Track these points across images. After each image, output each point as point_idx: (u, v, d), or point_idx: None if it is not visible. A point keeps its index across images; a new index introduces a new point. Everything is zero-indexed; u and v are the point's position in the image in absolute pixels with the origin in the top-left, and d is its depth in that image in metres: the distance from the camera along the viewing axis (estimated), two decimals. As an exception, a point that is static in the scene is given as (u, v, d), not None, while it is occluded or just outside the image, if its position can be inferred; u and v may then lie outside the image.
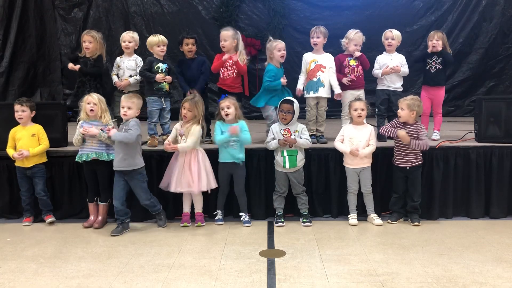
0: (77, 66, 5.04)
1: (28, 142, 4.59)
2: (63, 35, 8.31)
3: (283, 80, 4.99)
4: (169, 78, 5.04)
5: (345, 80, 5.09)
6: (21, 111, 4.61)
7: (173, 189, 4.48)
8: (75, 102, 4.81)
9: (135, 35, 5.30)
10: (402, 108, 4.51)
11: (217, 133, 4.56)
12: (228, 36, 5.07)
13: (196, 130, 4.49)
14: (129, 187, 4.43)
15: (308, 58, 5.13)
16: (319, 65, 5.08)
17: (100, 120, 4.49)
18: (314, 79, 5.09)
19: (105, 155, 4.47)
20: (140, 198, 4.44)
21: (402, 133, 4.46)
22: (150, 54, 5.13)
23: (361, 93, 5.13)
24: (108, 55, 5.34)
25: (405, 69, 5.22)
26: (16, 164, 4.64)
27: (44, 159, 4.70)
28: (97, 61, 5.15)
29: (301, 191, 4.63)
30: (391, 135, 4.55)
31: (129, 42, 5.22)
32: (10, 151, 4.60)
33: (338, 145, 4.65)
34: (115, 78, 5.23)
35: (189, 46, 5.15)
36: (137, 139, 4.35)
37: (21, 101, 4.64)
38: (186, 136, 4.50)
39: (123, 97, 4.45)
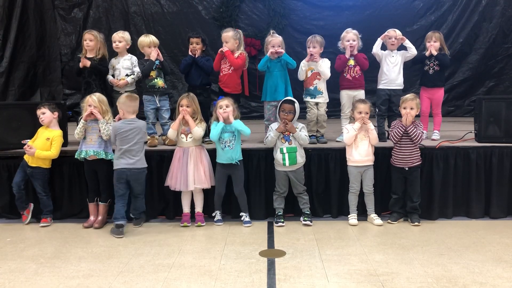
0: (88, 62, 5.03)
1: (40, 143, 4.60)
2: (63, 35, 8.30)
3: (272, 49, 4.91)
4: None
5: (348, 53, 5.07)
6: (41, 114, 4.64)
7: (191, 187, 4.53)
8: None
9: (126, 35, 5.28)
10: (412, 108, 4.51)
11: (212, 129, 4.55)
12: (228, 37, 5.09)
13: (204, 125, 4.65)
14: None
15: (304, 67, 5.10)
16: (316, 73, 5.07)
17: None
18: (311, 87, 5.10)
19: (103, 154, 4.47)
20: (138, 197, 4.48)
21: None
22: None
23: (358, 93, 5.11)
24: (108, 55, 5.34)
25: (412, 48, 5.18)
26: (24, 157, 4.64)
27: (48, 166, 4.69)
28: (102, 61, 5.16)
29: (302, 190, 4.63)
30: (399, 133, 4.52)
31: (119, 42, 5.20)
32: (30, 142, 4.63)
33: (346, 135, 4.59)
34: (110, 78, 5.20)
35: (193, 45, 5.14)
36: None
37: (39, 105, 4.69)
38: (192, 127, 4.53)
39: (123, 101, 4.43)
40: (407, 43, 5.20)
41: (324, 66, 5.03)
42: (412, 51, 5.19)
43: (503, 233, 4.31)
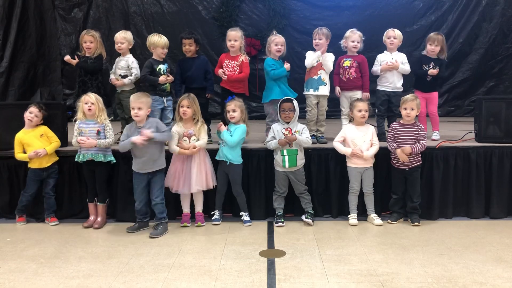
0: (75, 61, 5.03)
1: (39, 143, 4.60)
2: (63, 35, 8.30)
3: (287, 65, 4.98)
4: (171, 78, 5.04)
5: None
6: (35, 115, 4.62)
7: (194, 189, 4.52)
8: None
9: (127, 35, 5.26)
10: (412, 108, 4.51)
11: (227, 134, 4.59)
12: (237, 36, 5.08)
13: (206, 128, 4.62)
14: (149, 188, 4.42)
15: (310, 56, 5.11)
16: (321, 64, 5.07)
17: (97, 119, 4.48)
18: (315, 77, 5.10)
19: (101, 157, 4.46)
20: (158, 197, 4.37)
21: (399, 151, 4.47)
22: (151, 54, 5.13)
23: (353, 94, 5.11)
24: (108, 55, 5.33)
25: (406, 67, 5.20)
26: (31, 166, 4.62)
27: (56, 158, 4.73)
28: (97, 59, 5.15)
29: (304, 190, 4.63)
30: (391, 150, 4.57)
31: (121, 43, 5.18)
32: (21, 155, 4.58)
33: (338, 146, 4.63)
34: (111, 76, 5.20)
35: (186, 47, 5.13)
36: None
37: (40, 106, 4.68)
38: (197, 135, 4.53)
39: (131, 97, 4.36)
40: (400, 69, 5.17)
41: (329, 59, 5.05)
42: (406, 71, 5.20)
43: (503, 233, 4.31)
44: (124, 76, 5.13)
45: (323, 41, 5.05)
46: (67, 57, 5.10)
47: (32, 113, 4.61)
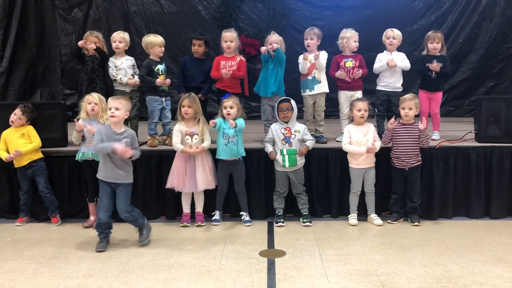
0: (92, 45, 5.00)
1: (19, 142, 4.59)
2: (63, 35, 8.30)
3: (263, 48, 4.94)
4: (168, 81, 5.04)
5: (339, 74, 5.08)
6: (18, 117, 4.62)
7: (200, 188, 4.52)
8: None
9: (126, 36, 5.26)
10: (410, 108, 4.51)
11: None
12: (233, 37, 5.09)
13: (207, 126, 4.62)
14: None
15: (302, 60, 5.10)
16: (314, 64, 5.06)
17: (99, 119, 4.47)
18: (309, 77, 5.10)
19: None
20: (125, 211, 3.98)
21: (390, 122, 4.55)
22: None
23: (355, 94, 5.12)
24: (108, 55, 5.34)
25: (406, 63, 5.18)
26: (15, 165, 4.63)
27: (40, 155, 4.68)
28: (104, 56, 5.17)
29: (302, 190, 4.64)
30: (386, 139, 4.59)
31: (120, 42, 5.18)
32: (2, 154, 4.59)
33: (350, 148, 4.57)
34: (124, 79, 5.08)
35: (195, 47, 5.15)
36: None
37: (25, 110, 4.65)
38: (200, 135, 4.54)
39: (110, 98, 4.15)
40: (400, 64, 5.15)
41: (322, 58, 5.04)
42: (406, 67, 5.18)
43: (503, 233, 4.31)
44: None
45: (314, 41, 5.05)
46: (81, 42, 5.03)
47: (16, 115, 4.62)
